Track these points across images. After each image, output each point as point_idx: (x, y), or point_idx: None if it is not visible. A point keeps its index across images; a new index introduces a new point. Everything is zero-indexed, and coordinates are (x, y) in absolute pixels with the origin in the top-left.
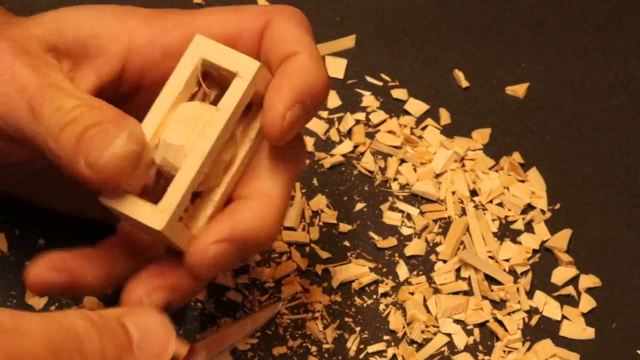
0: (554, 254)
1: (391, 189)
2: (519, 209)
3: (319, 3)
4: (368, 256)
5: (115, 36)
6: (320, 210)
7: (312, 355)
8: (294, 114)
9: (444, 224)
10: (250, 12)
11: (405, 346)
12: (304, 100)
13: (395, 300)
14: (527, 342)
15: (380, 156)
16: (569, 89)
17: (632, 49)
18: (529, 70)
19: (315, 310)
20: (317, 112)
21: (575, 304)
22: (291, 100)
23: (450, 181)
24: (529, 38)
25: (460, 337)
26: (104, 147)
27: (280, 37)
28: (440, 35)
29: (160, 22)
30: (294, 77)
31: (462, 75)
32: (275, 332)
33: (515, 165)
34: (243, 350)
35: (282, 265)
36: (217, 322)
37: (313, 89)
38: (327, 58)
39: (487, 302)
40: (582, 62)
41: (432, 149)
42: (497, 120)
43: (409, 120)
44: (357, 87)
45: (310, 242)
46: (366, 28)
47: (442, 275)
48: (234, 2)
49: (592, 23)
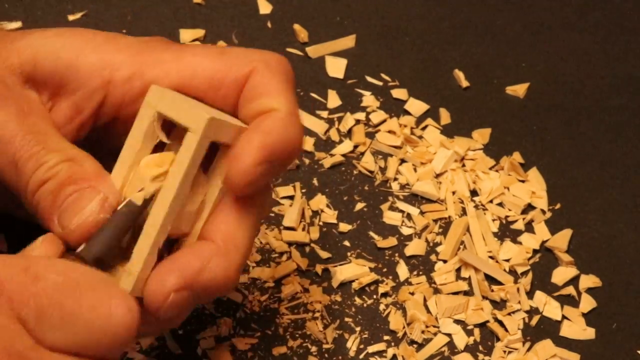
0: (554, 254)
1: (391, 189)
2: (519, 209)
3: (319, 3)
4: (368, 256)
5: (95, 71)
6: (320, 210)
7: (312, 355)
8: (261, 171)
9: (444, 224)
10: (236, 58)
11: (405, 346)
12: (273, 159)
13: (395, 300)
14: (528, 343)
15: (380, 156)
16: (569, 89)
17: (632, 49)
18: (529, 70)
19: (315, 310)
20: (286, 169)
21: (575, 304)
22: (260, 158)
23: (450, 181)
24: (529, 38)
25: (461, 337)
26: (76, 212)
27: (262, 90)
28: (440, 35)
29: (142, 57)
30: (268, 134)
31: (462, 75)
32: (275, 332)
33: (516, 165)
34: (243, 350)
35: (282, 265)
36: (217, 322)
37: (285, 149)
38: (327, 58)
39: (488, 302)
40: (582, 62)
41: (432, 149)
42: (497, 120)
43: (409, 120)
44: (357, 87)
45: (310, 242)
46: (366, 28)
47: (442, 275)
48: (236, 2)
49: (592, 23)
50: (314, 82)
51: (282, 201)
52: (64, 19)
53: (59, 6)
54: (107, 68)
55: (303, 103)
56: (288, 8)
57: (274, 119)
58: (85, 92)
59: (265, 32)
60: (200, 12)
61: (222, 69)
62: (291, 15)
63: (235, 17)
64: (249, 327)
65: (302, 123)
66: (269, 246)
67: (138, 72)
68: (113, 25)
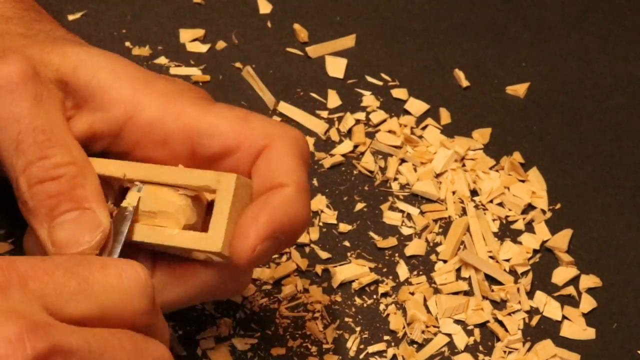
0: (554, 254)
1: (391, 189)
2: (519, 208)
3: (319, 3)
4: (368, 256)
5: (123, 102)
6: (320, 210)
7: (312, 355)
8: (266, 247)
9: (444, 223)
10: (256, 127)
11: (405, 346)
12: (278, 236)
13: (395, 300)
14: (528, 343)
15: (380, 156)
16: (569, 89)
17: (632, 49)
18: (529, 70)
19: (315, 310)
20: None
21: (575, 304)
22: (266, 234)
23: (450, 181)
24: (529, 38)
25: (461, 337)
26: (71, 236)
27: (275, 165)
28: (440, 35)
29: (168, 106)
30: (275, 211)
31: (462, 75)
32: (275, 332)
33: (516, 165)
34: (243, 350)
35: (282, 265)
36: (217, 323)
37: (291, 227)
38: (327, 58)
39: (488, 302)
40: (582, 62)
41: (432, 148)
42: (497, 120)
43: (409, 120)
44: (357, 87)
45: (310, 242)
46: (366, 28)
47: (442, 275)
48: (236, 2)
49: (592, 23)
50: (314, 82)
51: None
52: (64, 18)
53: (59, 6)
54: (135, 105)
55: (303, 103)
56: (288, 8)
57: (282, 196)
58: (105, 116)
59: (265, 31)
60: (200, 12)
61: (241, 137)
62: (291, 15)
63: (235, 17)
64: (249, 327)
65: (309, 200)
66: None
67: (160, 121)
68: (113, 25)
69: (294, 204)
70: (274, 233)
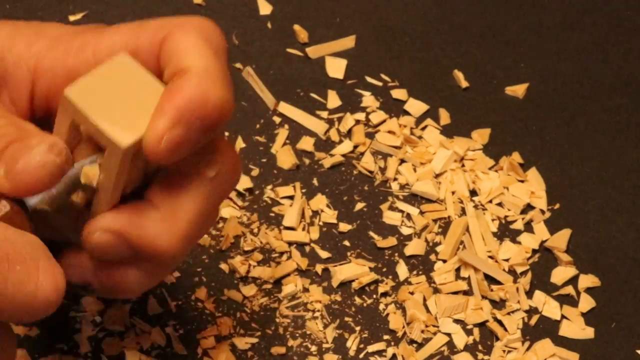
0: (553, 253)
1: (391, 189)
2: (518, 208)
3: (319, 3)
4: (368, 256)
5: (22, 61)
6: (320, 210)
7: (312, 355)
8: (175, 134)
9: (443, 223)
10: (151, 26)
11: (405, 346)
12: (187, 121)
13: (395, 300)
14: (527, 342)
15: (380, 156)
16: (569, 89)
17: (632, 49)
18: (529, 70)
19: (315, 310)
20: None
21: (574, 303)
22: (170, 121)
23: (450, 181)
24: (528, 38)
25: (460, 336)
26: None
27: (174, 53)
28: (440, 35)
29: (64, 45)
30: (176, 95)
31: (462, 75)
32: (275, 332)
33: (515, 165)
34: (243, 350)
35: (282, 265)
36: (217, 322)
37: (202, 110)
38: (327, 58)
39: (487, 301)
40: (582, 62)
41: (432, 149)
42: (497, 120)
43: (408, 120)
44: (357, 87)
45: (310, 242)
46: (366, 28)
47: (441, 275)
48: (236, 3)
49: (592, 23)
50: (314, 83)
51: (282, 201)
52: (64, 19)
53: (60, 6)
54: (32, 58)
55: (303, 103)
56: (288, 8)
57: (184, 79)
58: (15, 84)
59: (265, 32)
60: (200, 13)
61: (137, 39)
62: (291, 16)
63: (235, 18)
64: (249, 327)
65: (227, 81)
66: (269, 246)
67: (60, 60)
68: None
69: (200, 85)
70: (182, 118)
